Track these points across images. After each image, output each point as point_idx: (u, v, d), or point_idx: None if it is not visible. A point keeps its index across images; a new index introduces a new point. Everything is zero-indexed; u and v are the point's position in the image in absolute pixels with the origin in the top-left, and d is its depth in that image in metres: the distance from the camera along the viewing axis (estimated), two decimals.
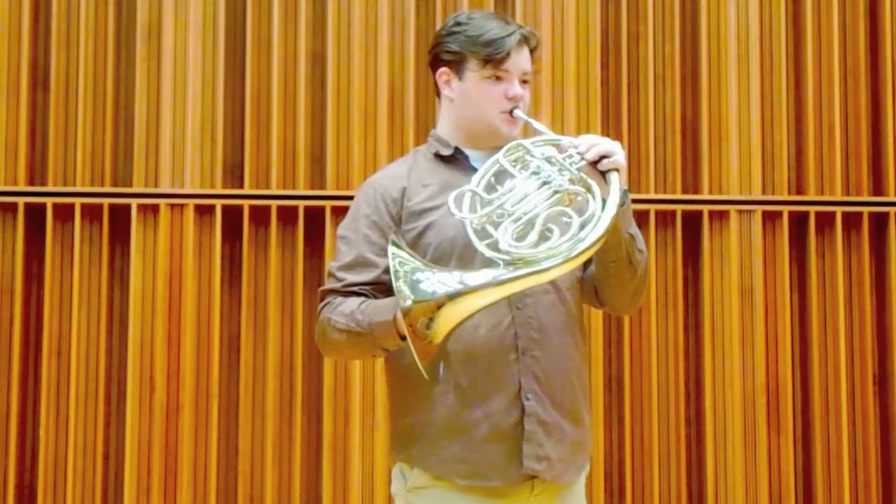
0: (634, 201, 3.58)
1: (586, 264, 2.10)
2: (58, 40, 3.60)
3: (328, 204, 3.53)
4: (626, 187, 1.96)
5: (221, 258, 3.55)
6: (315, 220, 3.57)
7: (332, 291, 2.08)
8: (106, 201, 3.51)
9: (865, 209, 3.69)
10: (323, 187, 3.59)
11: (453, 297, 1.80)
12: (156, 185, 3.56)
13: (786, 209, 3.67)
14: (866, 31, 3.80)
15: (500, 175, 1.96)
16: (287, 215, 3.57)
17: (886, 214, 3.70)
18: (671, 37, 3.73)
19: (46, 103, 3.60)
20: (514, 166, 1.95)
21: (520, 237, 1.84)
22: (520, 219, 1.86)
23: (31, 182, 3.58)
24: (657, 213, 3.64)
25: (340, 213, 3.53)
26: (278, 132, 3.59)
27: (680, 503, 3.56)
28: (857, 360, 3.68)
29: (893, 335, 3.67)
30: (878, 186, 3.77)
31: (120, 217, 3.55)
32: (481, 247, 1.85)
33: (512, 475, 2.00)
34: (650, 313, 3.59)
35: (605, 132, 3.67)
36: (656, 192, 3.67)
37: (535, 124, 2.04)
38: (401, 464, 2.08)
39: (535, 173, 1.91)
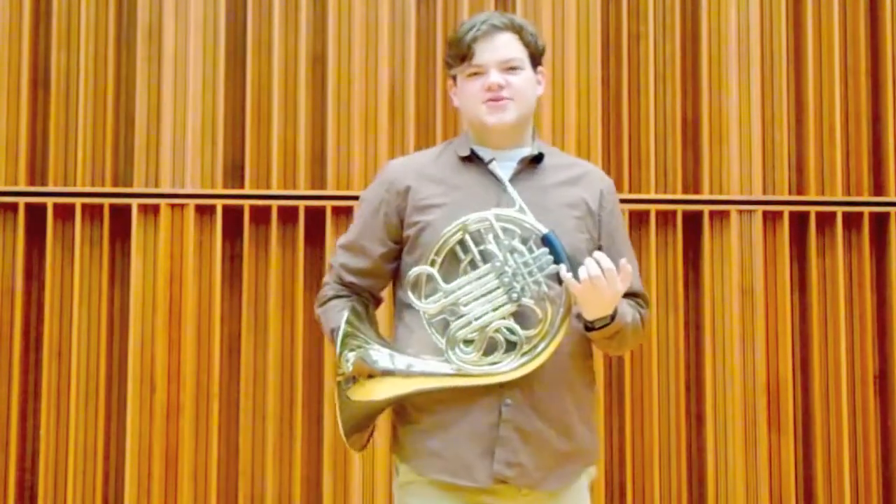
0: (635, 201, 3.62)
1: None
2: (58, 40, 3.60)
3: (329, 204, 3.53)
4: (612, 313, 2.02)
5: (222, 258, 3.55)
6: (316, 220, 3.57)
7: (331, 275, 2.23)
8: (106, 201, 3.52)
9: (866, 209, 3.69)
10: (323, 187, 3.59)
11: (386, 373, 1.99)
12: (156, 185, 3.56)
13: (786, 209, 3.67)
14: (866, 31, 3.80)
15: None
16: (288, 215, 3.57)
17: (887, 214, 3.70)
18: (671, 37, 3.73)
19: (47, 103, 3.60)
20: (478, 245, 2.00)
21: (467, 342, 1.97)
22: (469, 323, 1.96)
23: (31, 182, 3.58)
24: (657, 213, 3.64)
25: (341, 213, 3.54)
26: (279, 132, 3.59)
27: (680, 503, 3.56)
28: (857, 360, 3.68)
29: (893, 335, 3.67)
30: (878, 186, 3.77)
31: (120, 217, 3.55)
32: (435, 336, 1.98)
33: (483, 478, 2.00)
34: (650, 313, 3.58)
35: (606, 132, 3.67)
36: (657, 192, 3.67)
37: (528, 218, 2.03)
38: (395, 457, 2.14)
39: (498, 273, 1.97)
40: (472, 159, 2.14)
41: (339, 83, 3.62)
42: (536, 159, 2.15)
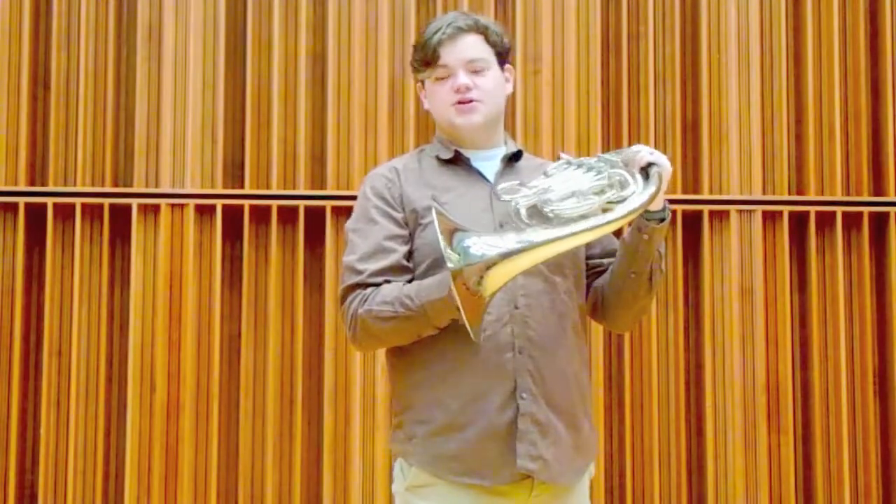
0: None
1: (588, 274, 2.15)
2: (58, 40, 3.60)
3: (329, 204, 3.54)
4: (668, 205, 2.02)
5: (222, 258, 3.55)
6: (316, 219, 3.57)
7: (357, 286, 2.03)
8: (106, 201, 3.52)
9: (865, 209, 3.69)
10: (323, 187, 3.59)
11: (506, 256, 1.82)
12: (156, 185, 3.56)
13: (786, 209, 3.67)
14: (866, 31, 3.81)
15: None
16: (287, 215, 3.57)
17: (886, 214, 3.70)
18: (671, 37, 3.74)
19: (47, 103, 3.61)
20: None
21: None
22: (565, 197, 1.90)
23: (31, 182, 3.58)
24: None
25: (341, 213, 3.54)
26: (279, 132, 3.59)
27: (680, 503, 3.56)
28: (857, 360, 3.68)
29: (893, 335, 3.67)
30: (878, 186, 3.77)
31: (121, 217, 3.55)
32: (523, 223, 1.88)
33: (505, 475, 1.99)
34: (650, 313, 3.59)
35: (605, 132, 3.67)
36: None
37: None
38: (401, 460, 2.10)
39: (579, 167, 1.96)
40: (456, 161, 2.15)
41: (339, 83, 3.62)
42: (516, 157, 2.17)
